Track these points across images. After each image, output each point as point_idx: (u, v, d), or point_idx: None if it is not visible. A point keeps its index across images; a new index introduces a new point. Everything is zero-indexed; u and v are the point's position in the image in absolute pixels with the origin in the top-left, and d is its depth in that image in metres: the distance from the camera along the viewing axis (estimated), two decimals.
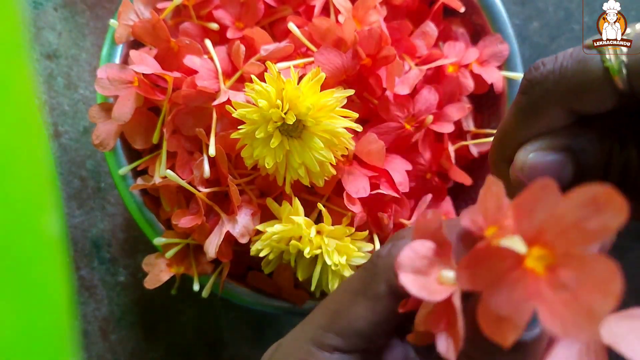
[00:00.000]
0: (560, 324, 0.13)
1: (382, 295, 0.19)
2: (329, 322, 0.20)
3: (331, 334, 0.20)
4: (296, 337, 0.21)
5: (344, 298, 0.20)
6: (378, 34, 0.28)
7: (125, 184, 0.32)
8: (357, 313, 0.19)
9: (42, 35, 0.40)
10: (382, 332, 0.20)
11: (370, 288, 0.19)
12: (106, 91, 0.30)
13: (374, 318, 0.19)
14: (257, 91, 0.26)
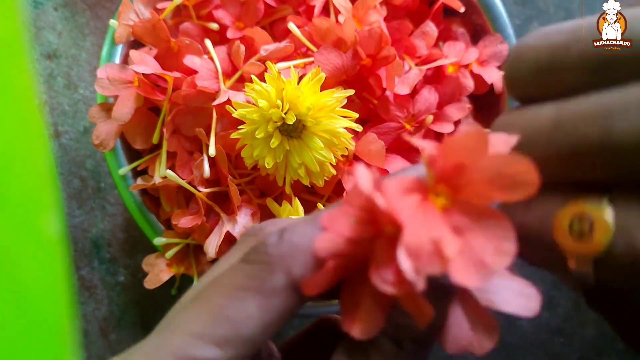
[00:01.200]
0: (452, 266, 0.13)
1: (280, 289, 0.16)
2: (207, 328, 0.15)
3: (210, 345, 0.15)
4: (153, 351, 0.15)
5: (226, 297, 0.16)
6: (378, 34, 0.28)
7: (125, 184, 0.32)
8: (246, 314, 0.15)
9: (42, 35, 0.40)
10: (273, 332, 0.16)
11: (262, 282, 0.16)
12: (106, 91, 0.30)
13: (267, 318, 0.16)
14: (257, 91, 0.26)
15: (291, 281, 0.16)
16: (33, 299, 0.12)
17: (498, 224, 0.14)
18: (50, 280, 0.12)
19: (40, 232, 0.12)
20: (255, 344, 0.16)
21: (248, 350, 0.16)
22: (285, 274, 0.16)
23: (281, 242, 0.16)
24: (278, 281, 0.16)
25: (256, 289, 0.16)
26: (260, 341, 0.16)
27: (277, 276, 0.16)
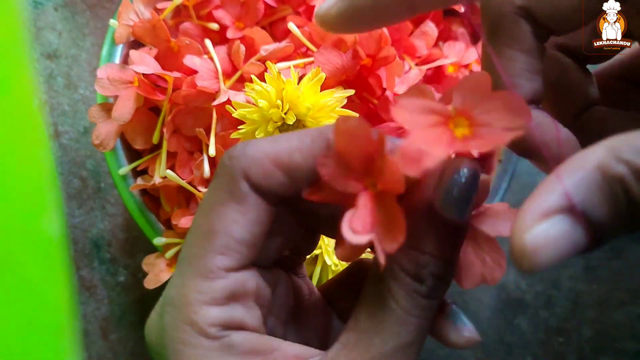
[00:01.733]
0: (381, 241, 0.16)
1: (245, 195, 0.17)
2: (205, 245, 0.17)
3: (216, 255, 0.17)
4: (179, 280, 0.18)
5: (209, 214, 0.18)
6: (378, 34, 0.28)
7: (125, 184, 0.32)
8: (229, 220, 0.17)
9: (42, 35, 0.41)
10: (261, 235, 0.18)
11: (231, 191, 0.17)
12: (106, 91, 0.30)
13: (247, 220, 0.17)
14: (257, 91, 0.26)
15: (257, 187, 0.17)
16: (33, 298, 0.12)
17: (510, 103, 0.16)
18: (51, 280, 0.12)
19: (41, 232, 0.12)
20: (250, 244, 0.18)
21: (248, 251, 0.18)
22: (249, 181, 0.17)
23: (243, 155, 0.18)
24: (243, 189, 0.17)
25: (228, 199, 0.17)
26: (253, 241, 0.18)
27: (240, 184, 0.17)
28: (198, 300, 0.17)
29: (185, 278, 0.17)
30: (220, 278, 0.17)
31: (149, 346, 0.19)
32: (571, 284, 0.42)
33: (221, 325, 0.17)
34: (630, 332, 0.41)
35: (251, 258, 0.18)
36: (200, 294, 0.17)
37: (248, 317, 0.18)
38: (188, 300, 0.17)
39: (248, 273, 0.18)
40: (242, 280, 0.18)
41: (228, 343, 0.17)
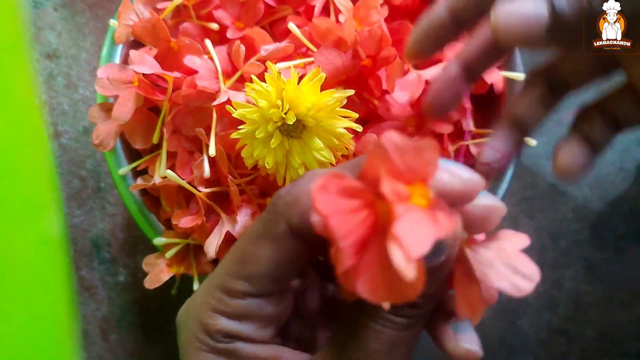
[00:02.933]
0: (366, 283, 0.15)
1: (282, 235, 0.19)
2: (236, 268, 0.20)
3: (240, 280, 0.19)
4: (207, 287, 0.20)
5: (248, 243, 0.20)
6: (378, 35, 0.28)
7: (125, 184, 0.32)
8: (262, 255, 0.19)
9: (42, 35, 0.40)
10: (288, 272, 0.20)
11: (271, 229, 0.19)
12: (106, 91, 0.30)
13: (277, 258, 0.19)
14: (257, 91, 0.26)
15: (293, 228, 0.19)
16: (33, 299, 0.12)
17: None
18: (51, 280, 0.12)
19: (41, 232, 0.12)
20: (274, 279, 0.19)
21: (272, 285, 0.20)
22: (286, 223, 0.19)
23: (287, 194, 0.19)
24: (281, 229, 0.19)
25: (266, 235, 0.19)
26: (278, 277, 0.19)
27: (279, 225, 0.19)
28: (215, 308, 0.20)
29: (213, 288, 0.20)
30: (239, 299, 0.20)
31: (177, 325, 0.21)
32: (573, 284, 0.41)
33: (228, 334, 0.20)
34: (633, 333, 0.41)
35: (272, 289, 0.20)
36: (217, 303, 0.20)
37: (258, 334, 0.20)
38: (208, 305, 0.20)
39: (267, 299, 0.20)
40: (259, 305, 0.20)
41: (231, 348, 0.20)
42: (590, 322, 0.41)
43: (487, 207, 0.17)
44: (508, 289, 0.16)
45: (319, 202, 0.15)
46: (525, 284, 0.16)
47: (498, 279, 0.16)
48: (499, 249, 0.17)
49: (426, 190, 0.15)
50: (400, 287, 0.14)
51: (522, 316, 0.41)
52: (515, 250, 0.17)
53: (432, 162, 0.15)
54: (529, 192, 0.42)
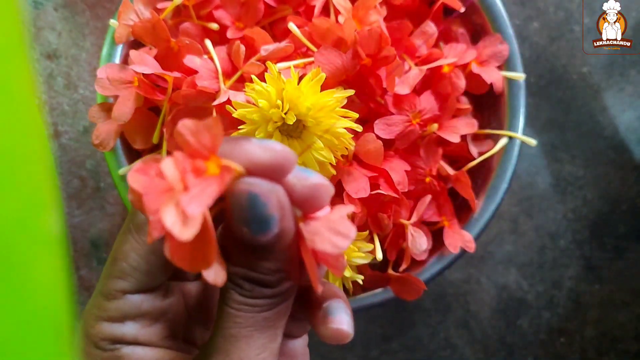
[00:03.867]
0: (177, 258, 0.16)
1: (141, 224, 0.20)
2: (110, 269, 0.20)
3: (113, 279, 0.20)
4: (91, 298, 0.21)
5: (117, 242, 0.20)
6: (378, 34, 0.28)
7: (124, 184, 0.32)
8: (128, 249, 0.20)
9: (42, 35, 0.40)
10: (158, 261, 0.20)
11: (132, 221, 0.20)
12: (106, 91, 0.30)
13: (143, 248, 0.20)
14: (257, 91, 0.26)
15: None
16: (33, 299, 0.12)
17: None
18: (51, 280, 0.12)
19: (41, 232, 0.12)
20: (146, 272, 0.20)
21: (144, 277, 0.20)
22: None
23: None
24: (139, 218, 0.20)
25: (130, 228, 0.20)
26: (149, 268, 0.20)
27: (138, 215, 0.20)
28: (96, 316, 0.20)
29: (95, 296, 0.20)
30: (117, 299, 0.20)
31: None
32: (573, 284, 0.41)
33: (112, 340, 0.20)
34: (633, 333, 0.41)
35: (147, 282, 0.20)
36: (99, 310, 0.20)
37: (143, 333, 0.20)
38: (89, 315, 0.20)
39: (145, 296, 0.20)
40: (138, 302, 0.20)
41: (116, 355, 0.20)
42: (590, 322, 0.41)
43: (314, 185, 0.18)
44: (329, 249, 0.18)
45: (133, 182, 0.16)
46: (341, 241, 0.18)
47: (322, 242, 0.18)
48: (326, 219, 0.18)
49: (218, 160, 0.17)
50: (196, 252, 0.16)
51: (522, 316, 0.41)
52: (339, 217, 0.18)
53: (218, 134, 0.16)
54: (529, 192, 0.42)
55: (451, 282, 0.41)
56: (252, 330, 0.19)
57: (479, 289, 0.41)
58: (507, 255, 0.42)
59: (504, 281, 0.41)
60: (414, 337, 0.41)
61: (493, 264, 0.42)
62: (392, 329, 0.41)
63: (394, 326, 0.41)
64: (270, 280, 0.19)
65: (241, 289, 0.19)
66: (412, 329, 0.41)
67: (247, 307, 0.19)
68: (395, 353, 0.41)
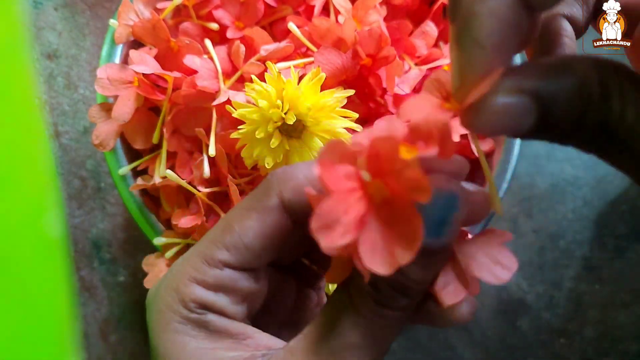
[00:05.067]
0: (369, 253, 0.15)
1: (272, 208, 0.19)
2: (219, 236, 0.19)
3: (221, 248, 0.19)
4: (187, 256, 0.20)
5: (236, 214, 0.20)
6: (378, 34, 0.28)
7: (125, 184, 0.32)
8: (247, 226, 0.19)
9: (42, 35, 0.40)
10: (270, 247, 0.19)
11: (261, 201, 0.19)
12: (106, 91, 0.30)
13: (263, 231, 0.19)
14: (257, 91, 0.26)
15: (284, 203, 0.19)
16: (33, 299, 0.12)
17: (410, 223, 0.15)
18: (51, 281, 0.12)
19: (41, 233, 0.12)
20: (255, 251, 0.19)
21: (251, 256, 0.19)
22: (278, 196, 0.19)
23: (282, 171, 0.20)
24: (272, 201, 0.19)
25: (256, 207, 0.19)
26: (260, 250, 0.19)
27: (271, 198, 0.19)
28: (191, 276, 0.19)
29: (192, 255, 0.20)
30: (217, 268, 0.19)
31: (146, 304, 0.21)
32: (573, 284, 0.41)
33: (201, 305, 0.19)
34: (633, 333, 0.41)
35: (252, 264, 0.20)
36: (195, 272, 0.19)
37: (231, 309, 0.20)
38: (184, 272, 0.20)
39: (244, 274, 0.20)
40: (236, 278, 0.20)
41: (203, 319, 0.19)
42: (590, 323, 0.41)
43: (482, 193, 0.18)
44: (488, 278, 0.17)
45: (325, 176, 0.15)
46: (503, 273, 0.17)
47: (479, 269, 0.17)
48: (482, 242, 0.18)
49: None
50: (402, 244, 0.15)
51: (522, 316, 0.41)
52: (497, 244, 0.18)
53: None
54: (528, 192, 0.42)
55: None
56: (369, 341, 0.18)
57: None
58: None
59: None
60: (413, 338, 0.41)
61: None
62: None
63: None
64: (414, 290, 0.18)
65: (380, 294, 0.18)
66: (411, 329, 0.41)
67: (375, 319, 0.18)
68: (394, 354, 0.41)
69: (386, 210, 0.16)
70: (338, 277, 0.19)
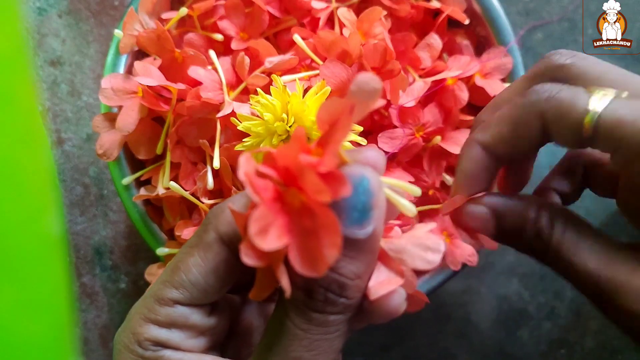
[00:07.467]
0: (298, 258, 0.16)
1: (210, 243, 0.20)
2: (169, 276, 0.21)
3: (170, 287, 0.20)
4: (143, 298, 0.21)
5: (181, 253, 0.21)
6: (383, 48, 0.28)
7: (128, 193, 0.32)
8: (191, 264, 0.20)
9: (46, 42, 0.40)
10: (216, 282, 0.20)
11: (201, 238, 0.20)
12: (110, 101, 0.30)
13: (206, 266, 0.20)
14: (262, 104, 0.26)
15: (221, 237, 0.20)
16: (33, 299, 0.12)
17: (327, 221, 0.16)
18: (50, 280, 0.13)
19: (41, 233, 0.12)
20: (202, 287, 0.20)
21: (198, 292, 0.20)
22: (214, 231, 0.20)
23: (216, 207, 0.21)
24: (210, 237, 0.20)
25: (197, 244, 0.20)
26: (205, 285, 0.20)
27: (209, 233, 0.20)
28: (145, 316, 0.20)
29: (146, 297, 0.21)
30: (168, 306, 0.20)
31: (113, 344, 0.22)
32: (574, 295, 0.42)
33: (156, 342, 0.20)
34: (633, 345, 0.41)
35: (201, 299, 0.21)
36: (148, 312, 0.20)
37: (186, 343, 0.21)
38: (139, 313, 0.21)
39: (196, 309, 0.21)
40: (187, 314, 0.21)
41: (158, 355, 0.20)
42: (590, 333, 0.41)
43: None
44: (420, 265, 0.18)
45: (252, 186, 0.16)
46: (433, 256, 0.18)
47: (410, 258, 0.18)
48: (409, 235, 0.19)
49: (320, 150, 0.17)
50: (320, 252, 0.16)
51: (522, 327, 0.41)
52: (423, 232, 0.18)
53: None
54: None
55: (451, 292, 0.41)
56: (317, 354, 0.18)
57: (478, 299, 0.41)
58: (508, 266, 0.42)
59: (504, 291, 0.42)
60: (413, 347, 0.41)
61: (494, 274, 0.42)
62: (391, 339, 0.41)
63: (393, 336, 0.41)
64: (350, 286, 0.18)
65: (313, 300, 0.18)
66: (411, 338, 0.41)
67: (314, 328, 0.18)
68: None
69: (306, 214, 0.16)
70: (262, 293, 0.19)
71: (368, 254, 0.18)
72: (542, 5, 0.42)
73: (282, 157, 0.16)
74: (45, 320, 0.12)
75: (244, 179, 0.16)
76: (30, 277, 0.12)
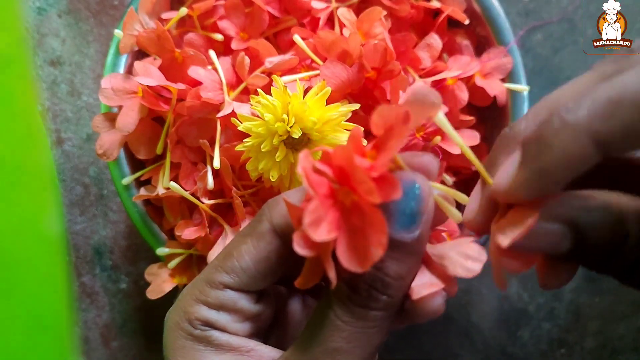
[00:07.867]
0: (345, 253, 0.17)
1: (264, 232, 0.21)
2: (221, 261, 0.22)
3: (221, 272, 0.21)
4: (194, 281, 0.22)
5: (234, 240, 0.22)
6: (383, 48, 0.28)
7: (128, 193, 0.32)
8: (243, 251, 0.21)
9: (45, 42, 0.40)
10: (267, 270, 0.21)
11: (255, 228, 0.21)
12: (110, 101, 0.30)
13: (257, 254, 0.21)
14: (263, 105, 0.26)
15: (274, 228, 0.21)
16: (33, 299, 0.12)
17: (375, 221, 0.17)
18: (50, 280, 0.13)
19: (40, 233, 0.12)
20: (252, 273, 0.21)
21: (248, 279, 0.21)
22: (268, 222, 0.21)
23: (272, 199, 0.22)
24: (263, 227, 0.21)
25: (250, 234, 0.22)
26: (256, 272, 0.21)
27: (263, 223, 0.21)
28: (196, 297, 0.22)
29: (198, 280, 0.22)
30: (218, 289, 0.21)
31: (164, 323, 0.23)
32: (574, 295, 0.42)
33: (205, 322, 0.21)
34: (633, 345, 0.41)
35: (251, 286, 0.22)
36: (200, 293, 0.22)
37: (233, 326, 0.22)
38: (190, 294, 0.22)
39: (244, 295, 0.22)
40: (236, 298, 0.22)
41: (206, 334, 0.21)
42: (590, 334, 0.41)
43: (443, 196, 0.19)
44: (460, 273, 0.18)
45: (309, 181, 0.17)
46: (474, 265, 0.18)
47: (452, 265, 0.19)
48: (453, 243, 0.19)
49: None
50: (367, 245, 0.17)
51: (522, 327, 0.41)
52: (466, 242, 0.19)
53: None
54: None
55: None
56: (355, 346, 0.19)
57: (480, 299, 0.41)
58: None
59: (505, 292, 0.42)
60: (416, 347, 0.41)
61: None
62: (394, 340, 0.41)
63: (396, 337, 0.41)
64: (393, 286, 0.19)
65: (357, 294, 0.19)
66: (414, 339, 0.41)
67: (355, 321, 0.19)
68: None
69: (356, 212, 0.17)
70: (308, 282, 0.20)
71: (413, 256, 0.19)
72: (542, 5, 0.42)
73: (337, 157, 0.17)
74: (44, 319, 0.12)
75: (302, 172, 0.17)
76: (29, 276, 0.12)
